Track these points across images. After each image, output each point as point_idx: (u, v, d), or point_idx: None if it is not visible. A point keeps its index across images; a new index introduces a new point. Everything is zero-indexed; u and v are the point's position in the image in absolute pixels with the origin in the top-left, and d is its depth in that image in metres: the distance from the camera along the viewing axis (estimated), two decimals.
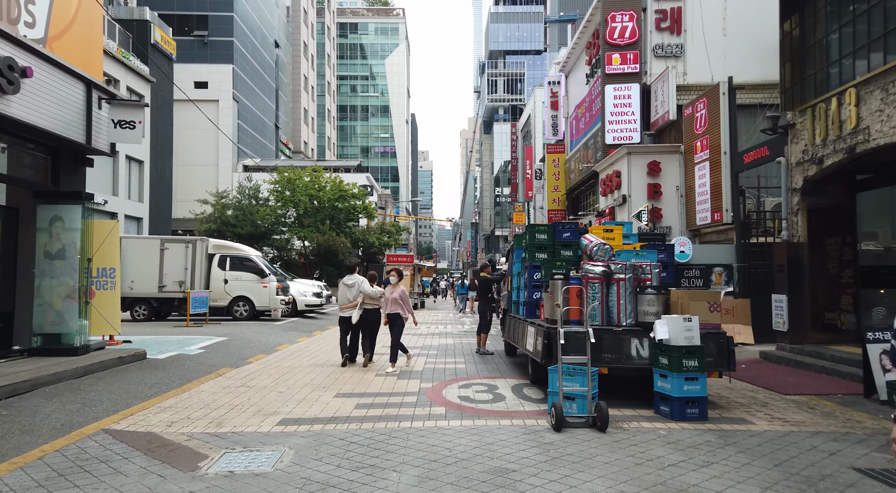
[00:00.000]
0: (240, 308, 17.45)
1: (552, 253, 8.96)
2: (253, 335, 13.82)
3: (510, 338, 10.42)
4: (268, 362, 10.57)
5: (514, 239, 10.62)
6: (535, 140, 65.76)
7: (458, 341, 14.81)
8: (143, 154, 30.77)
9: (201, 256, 17.27)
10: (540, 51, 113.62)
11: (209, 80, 42.48)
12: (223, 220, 29.97)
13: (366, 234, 32.56)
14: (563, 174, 29.12)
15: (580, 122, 26.20)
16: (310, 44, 68.21)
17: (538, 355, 7.31)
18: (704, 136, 13.77)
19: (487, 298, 12.07)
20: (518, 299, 10.05)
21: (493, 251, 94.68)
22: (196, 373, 9.05)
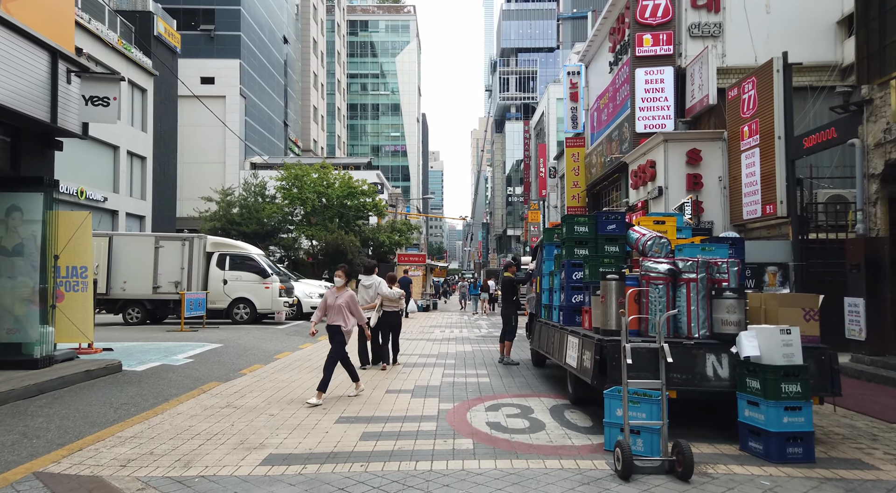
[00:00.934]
0: (240, 311, 16.19)
1: (595, 249, 7.57)
2: (251, 341, 12.54)
3: (540, 347, 9.04)
4: (263, 374, 9.26)
5: (543, 233, 9.22)
6: (549, 138, 64.43)
7: (477, 348, 13.44)
8: (145, 150, 29.70)
9: (199, 254, 16.04)
10: (553, 48, 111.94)
11: (216, 76, 41.43)
12: (228, 218, 28.79)
13: (376, 232, 31.23)
14: (583, 169, 27.66)
15: (602, 113, 24.74)
16: (319, 41, 67.13)
17: (586, 373, 5.92)
18: (753, 119, 12.31)
19: (512, 301, 10.69)
20: (551, 303, 8.66)
21: (504, 251, 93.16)
22: (177, 389, 7.75)
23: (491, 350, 12.84)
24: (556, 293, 8.27)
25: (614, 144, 22.07)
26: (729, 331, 5.49)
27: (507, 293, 10.69)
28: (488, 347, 13.61)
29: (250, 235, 28.82)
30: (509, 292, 10.68)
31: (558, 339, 7.56)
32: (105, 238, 15.68)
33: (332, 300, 7.49)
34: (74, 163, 24.42)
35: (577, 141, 28.00)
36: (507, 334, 10.62)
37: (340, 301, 7.44)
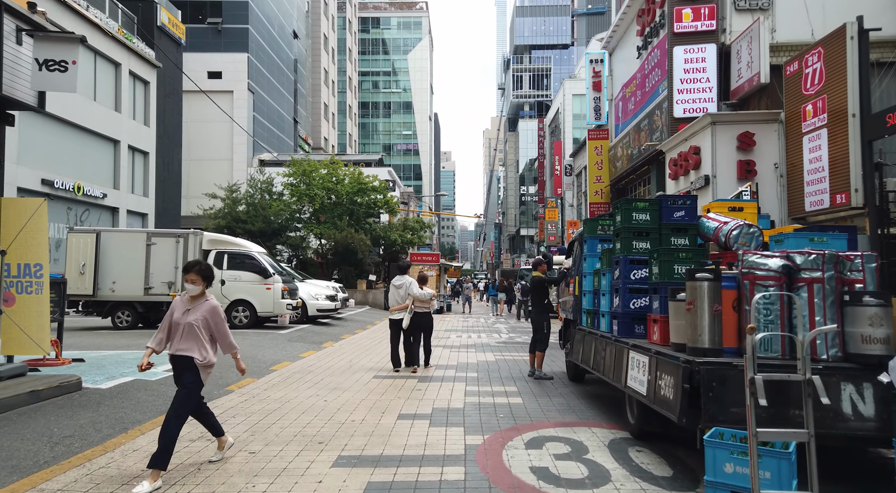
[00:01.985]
0: (239, 314, 14.83)
1: (658, 241, 6.07)
2: (246, 349, 11.14)
3: (583, 361, 7.54)
4: (254, 391, 7.85)
5: (584, 225, 7.71)
6: (565, 135, 62.77)
7: (500, 356, 11.96)
8: (148, 145, 28.51)
9: (194, 252, 14.69)
10: (567, 45, 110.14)
11: (223, 70, 40.27)
12: (233, 216, 27.54)
13: (387, 231, 29.83)
14: (607, 163, 26.06)
15: (629, 102, 23.14)
16: (330, 37, 65.94)
17: (667, 405, 4.42)
18: (819, 97, 10.72)
19: (544, 305, 9.19)
20: (597, 308, 7.17)
21: (518, 251, 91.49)
22: (143, 413, 6.35)
23: (517, 360, 11.36)
24: (607, 297, 6.78)
25: (643, 133, 20.48)
26: (873, 351, 3.97)
27: (538, 296, 9.19)
28: (512, 355, 12.13)
29: (256, 234, 27.56)
30: (540, 294, 9.18)
31: (612, 354, 6.06)
32: (92, 234, 14.39)
33: (180, 316, 4.65)
34: (70, 157, 23.27)
35: (599, 133, 26.41)
36: (538, 344, 9.13)
37: (193, 318, 4.62)
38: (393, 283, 9.49)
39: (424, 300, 9.39)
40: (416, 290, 9.32)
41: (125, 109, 26.58)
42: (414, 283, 9.44)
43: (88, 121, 23.96)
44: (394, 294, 9.46)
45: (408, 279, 9.45)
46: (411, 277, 9.71)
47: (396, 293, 9.43)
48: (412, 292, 9.30)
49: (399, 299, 9.42)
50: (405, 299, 9.36)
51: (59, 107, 22.17)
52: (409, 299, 9.32)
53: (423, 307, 9.43)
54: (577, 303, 8.32)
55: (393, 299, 9.49)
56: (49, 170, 21.86)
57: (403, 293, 9.37)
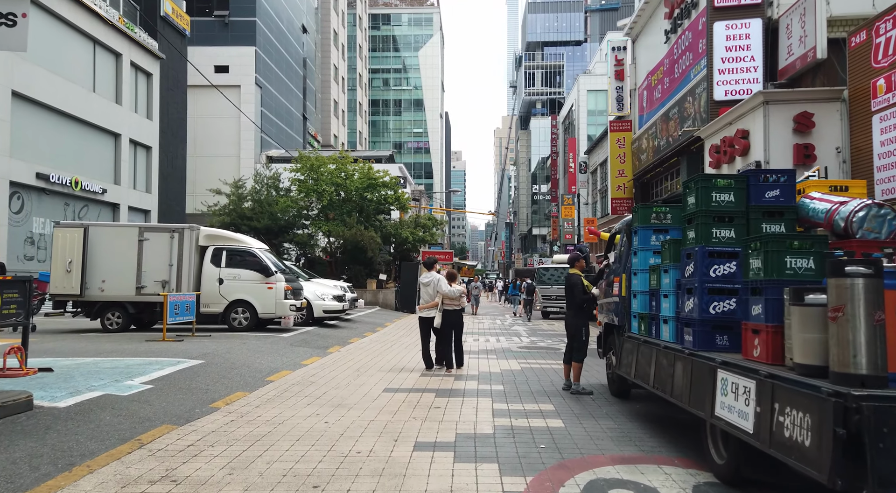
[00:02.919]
0: (238, 315, 13.66)
1: (744, 228, 4.80)
2: (243, 355, 9.96)
3: (636, 375, 6.25)
4: (243, 409, 6.65)
5: (635, 213, 6.42)
6: (579, 131, 61.37)
7: (525, 363, 10.69)
8: (150, 139, 27.51)
9: (190, 249, 13.55)
10: (580, 41, 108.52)
11: (230, 64, 39.23)
12: (238, 212, 26.43)
13: (398, 228, 28.59)
14: (630, 156, 24.71)
15: (655, 91, 21.79)
16: (340, 33, 64.91)
17: (804, 457, 3.10)
18: (894, 69, 9.37)
19: (582, 308, 7.90)
20: (657, 313, 5.89)
21: (530, 251, 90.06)
22: (100, 442, 5.15)
23: (545, 369, 10.08)
24: (671, 298, 5.50)
25: (673, 123, 19.13)
26: None
27: (575, 297, 7.89)
28: (539, 363, 10.85)
29: (262, 231, 26.45)
30: (578, 295, 7.88)
31: (686, 372, 4.78)
32: (79, 229, 13.28)
33: None
34: (68, 150, 22.27)
35: (622, 125, 25.06)
36: (576, 353, 7.85)
37: None
38: (421, 280, 9.32)
39: (454, 298, 9.07)
40: (445, 287, 9.02)
41: (126, 101, 25.58)
42: (443, 280, 9.13)
43: (87, 113, 22.96)
44: (423, 292, 9.26)
45: (436, 276, 9.19)
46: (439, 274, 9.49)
47: (425, 291, 9.20)
48: (441, 290, 9.00)
49: (427, 297, 9.19)
50: (434, 296, 9.12)
51: (55, 97, 21.18)
52: (439, 297, 9.05)
53: (452, 305, 9.13)
54: (625, 305, 7.04)
55: (422, 297, 9.31)
56: (45, 164, 20.86)
57: (432, 291, 9.12)
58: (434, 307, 9.12)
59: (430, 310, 9.19)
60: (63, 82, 21.72)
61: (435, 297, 9.15)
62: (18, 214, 19.99)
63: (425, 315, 9.29)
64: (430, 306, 9.18)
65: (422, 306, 9.32)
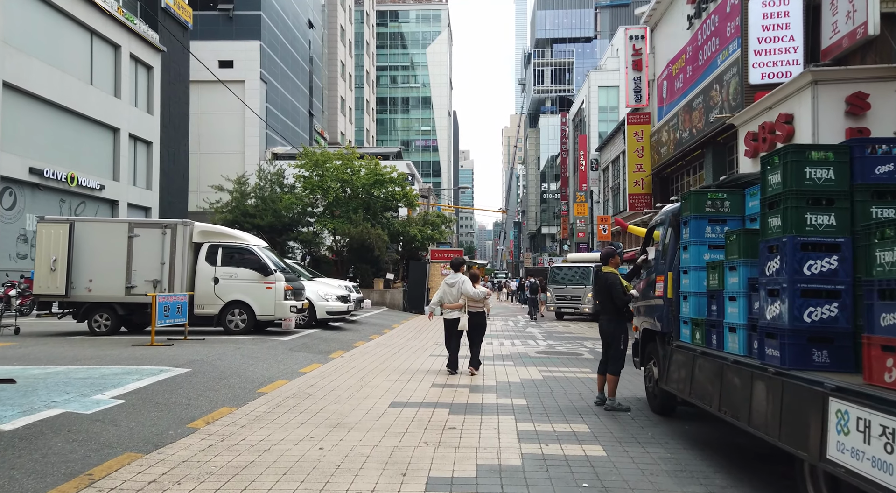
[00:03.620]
0: (235, 317, 12.73)
1: (847, 212, 3.78)
2: (235, 362, 9.02)
3: (695, 395, 5.21)
4: (226, 430, 5.69)
5: (685, 202, 5.40)
6: (590, 128, 60.29)
7: (547, 372, 9.68)
8: (151, 134, 26.69)
9: (183, 245, 12.64)
10: (590, 38, 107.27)
11: (234, 59, 38.44)
12: (241, 209, 25.56)
13: (406, 226, 27.62)
14: (648, 150, 23.62)
15: (676, 81, 20.71)
16: (347, 29, 64.08)
17: None
18: None
19: (622, 312, 6.89)
20: (722, 319, 4.87)
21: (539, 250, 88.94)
22: (38, 480, 4.19)
23: (570, 379, 9.08)
24: (742, 301, 4.49)
25: (697, 113, 18.05)
26: None
27: (611, 298, 6.87)
28: (561, 371, 9.84)
29: (265, 229, 25.57)
30: (613, 296, 6.86)
31: (773, 397, 3.76)
32: (64, 225, 12.39)
33: None
34: (64, 145, 21.47)
35: (640, 117, 23.97)
36: (612, 363, 6.83)
37: None
38: (446, 281, 9.23)
39: (478, 299, 8.96)
40: (469, 288, 8.91)
41: (126, 95, 24.77)
42: (467, 281, 9.00)
43: (84, 106, 22.16)
44: (447, 293, 9.11)
45: (461, 277, 9.08)
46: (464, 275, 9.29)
47: (450, 292, 9.07)
48: (465, 291, 8.89)
49: (452, 298, 9.05)
50: (459, 298, 8.99)
51: (50, 90, 20.39)
52: (463, 298, 8.94)
53: (476, 307, 9.03)
54: (671, 309, 6.02)
55: (445, 298, 9.12)
56: (39, 158, 20.06)
57: (457, 292, 8.99)
58: (458, 309, 9.00)
59: (453, 311, 9.06)
60: (59, 74, 20.92)
61: (459, 298, 8.99)
62: (10, 211, 19.20)
63: (450, 317, 9.13)
64: (455, 307, 9.04)
65: (446, 305, 9.14)
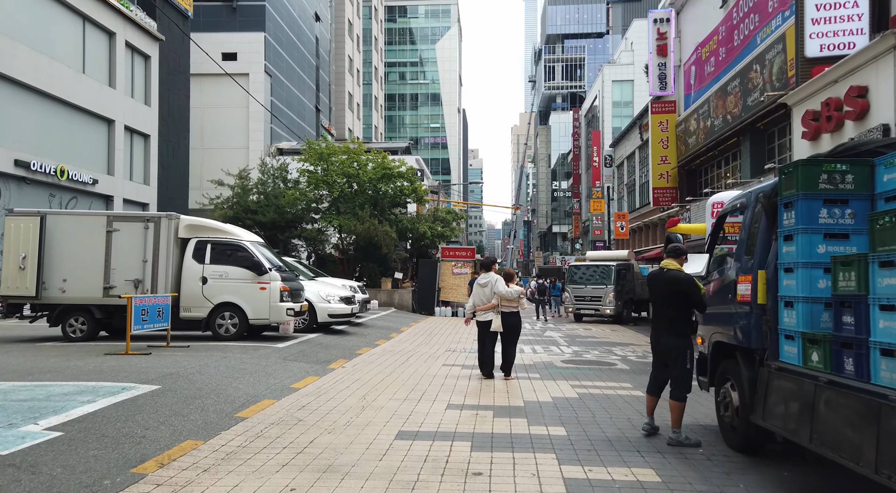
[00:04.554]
0: (225, 321, 11.41)
1: None
2: (217, 376, 7.69)
3: (825, 442, 3.77)
4: (180, 478, 4.34)
5: (789, 177, 3.91)
6: (604, 124, 58.76)
7: (581, 387, 8.24)
8: (148, 127, 25.50)
9: (168, 241, 11.34)
10: (602, 34, 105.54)
11: (238, 51, 37.29)
12: (242, 205, 24.31)
13: (415, 223, 26.25)
14: (674, 141, 22.13)
15: (706, 65, 19.21)
16: (355, 24, 62.82)
17: None
18: None
19: (689, 321, 5.47)
20: (868, 337, 3.44)
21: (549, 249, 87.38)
22: None
23: (609, 396, 7.67)
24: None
25: (732, 97, 16.57)
26: None
27: (678, 305, 5.44)
28: (597, 386, 8.43)
29: (267, 226, 24.33)
30: (681, 301, 5.42)
31: None
32: (35, 218, 11.12)
33: None
34: (52, 135, 20.30)
35: (665, 106, 22.48)
36: (676, 387, 5.40)
37: None
38: (477, 281, 8.97)
39: (511, 299, 8.64)
40: (502, 288, 8.59)
41: (121, 85, 23.59)
42: (500, 280, 8.69)
43: (75, 96, 20.98)
44: (478, 293, 8.84)
45: (493, 277, 8.76)
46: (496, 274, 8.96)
47: (482, 292, 8.78)
48: (498, 291, 8.59)
49: (485, 298, 8.74)
50: (491, 298, 8.68)
51: (38, 78, 19.20)
52: (496, 299, 8.65)
53: (509, 307, 8.71)
54: (766, 319, 4.61)
55: (478, 298, 8.83)
56: (26, 150, 18.88)
57: (489, 292, 8.69)
58: (492, 310, 8.63)
59: (485, 313, 8.71)
60: (48, 61, 19.74)
61: (492, 298, 8.63)
62: None
63: (483, 319, 8.76)
64: (488, 308, 8.69)
65: (477, 307, 8.81)
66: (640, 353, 12.80)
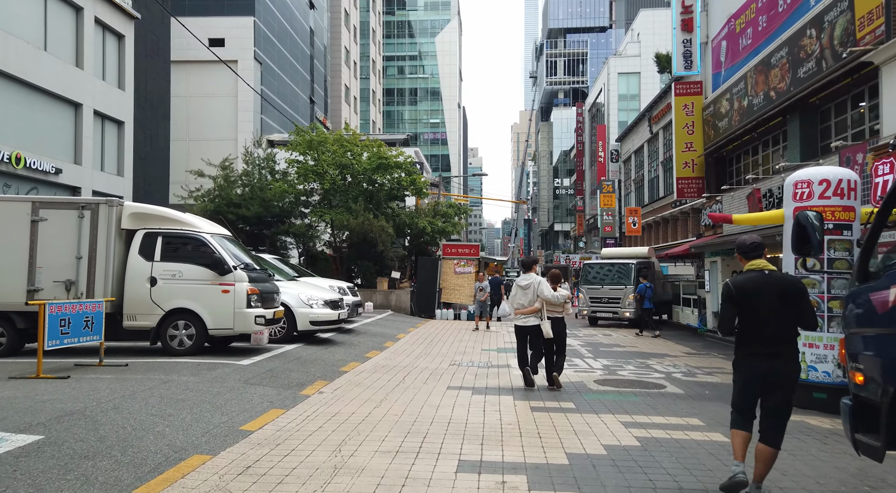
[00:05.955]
0: (178, 332, 9.26)
1: None
2: (137, 415, 5.53)
3: None
4: None
5: None
6: (609, 118, 56.65)
7: (637, 426, 6.03)
8: (122, 113, 23.30)
9: (108, 233, 9.21)
10: (605, 27, 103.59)
11: (226, 37, 35.09)
12: (225, 198, 22.17)
13: (414, 217, 24.09)
14: (700, 126, 19.98)
15: (742, 38, 17.07)
16: (352, 13, 60.63)
17: None
18: None
19: None
20: None
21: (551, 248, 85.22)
22: None
23: (679, 441, 5.51)
24: None
25: (779, 70, 14.43)
26: None
27: (793, 317, 3.31)
28: (655, 423, 6.27)
29: (252, 221, 22.19)
30: (804, 313, 3.31)
31: None
32: None
33: None
34: (7, 118, 18.09)
35: (689, 87, 20.34)
36: (780, 428, 3.61)
37: None
38: (517, 283, 8.40)
39: (558, 303, 8.10)
40: (546, 291, 7.98)
41: (90, 65, 21.38)
42: (544, 282, 8.12)
43: (36, 75, 18.78)
44: (518, 296, 8.25)
45: (536, 278, 8.15)
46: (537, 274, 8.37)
47: (523, 295, 8.18)
48: (542, 294, 7.96)
49: (526, 302, 8.15)
50: (533, 301, 8.06)
51: None
52: (539, 302, 8.02)
53: (555, 312, 8.19)
54: None
55: (518, 301, 8.26)
56: None
57: (532, 295, 8.06)
58: (533, 314, 7.98)
59: (525, 316, 8.06)
60: (2, 36, 17.55)
61: (535, 302, 8.01)
62: None
63: (523, 323, 8.09)
64: (529, 311, 8.05)
65: (517, 311, 8.18)
66: (683, 368, 10.67)
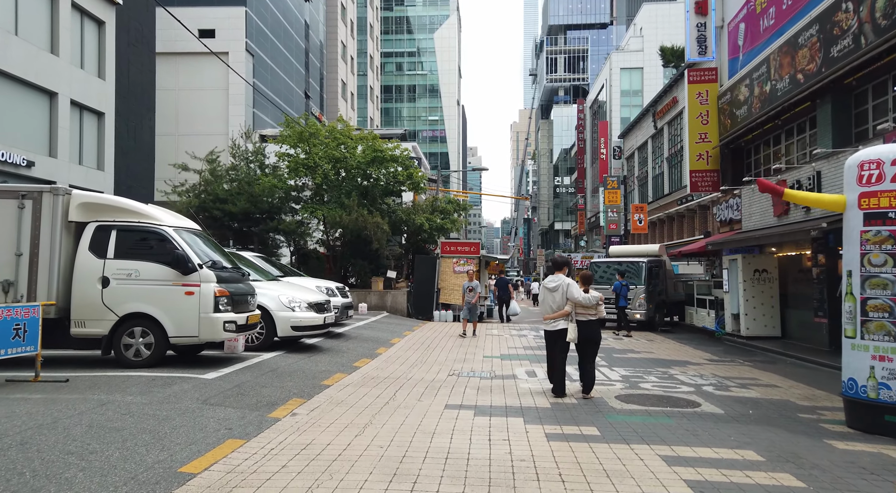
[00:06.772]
0: (135, 341, 8.01)
1: None
2: (44, 456, 4.29)
3: None
4: None
5: None
6: (612, 114, 55.43)
7: (682, 463, 4.69)
8: (102, 103, 22.05)
9: (53, 226, 7.97)
10: (606, 24, 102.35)
11: (216, 28, 33.88)
12: (211, 193, 20.92)
13: (411, 214, 22.85)
14: (716, 115, 18.77)
15: (763, 18, 15.84)
16: (349, 7, 59.39)
17: None
18: None
19: None
20: None
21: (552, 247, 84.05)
22: None
23: (741, 487, 4.26)
24: None
25: (808, 51, 13.21)
26: None
27: None
28: (703, 458, 5.03)
29: (238, 217, 20.95)
30: None
31: None
32: None
33: None
34: None
35: (704, 74, 19.10)
36: None
37: None
38: (545, 284, 7.79)
39: (589, 306, 7.46)
40: (576, 293, 7.41)
41: (66, 52, 20.12)
42: (573, 284, 7.52)
43: (4, 61, 17.55)
44: (546, 298, 7.66)
45: (565, 280, 7.58)
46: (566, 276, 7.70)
47: (551, 297, 7.59)
48: (572, 296, 7.40)
49: (554, 305, 7.55)
50: (563, 304, 7.49)
51: None
52: (569, 305, 7.47)
53: (586, 315, 7.53)
54: None
55: (546, 304, 7.65)
56: None
57: (560, 298, 7.49)
58: (564, 317, 7.54)
59: (555, 321, 7.61)
60: None
61: (564, 305, 7.52)
62: None
63: (553, 329, 7.63)
64: (559, 315, 7.57)
65: (546, 316, 7.69)
66: (711, 378, 9.44)
